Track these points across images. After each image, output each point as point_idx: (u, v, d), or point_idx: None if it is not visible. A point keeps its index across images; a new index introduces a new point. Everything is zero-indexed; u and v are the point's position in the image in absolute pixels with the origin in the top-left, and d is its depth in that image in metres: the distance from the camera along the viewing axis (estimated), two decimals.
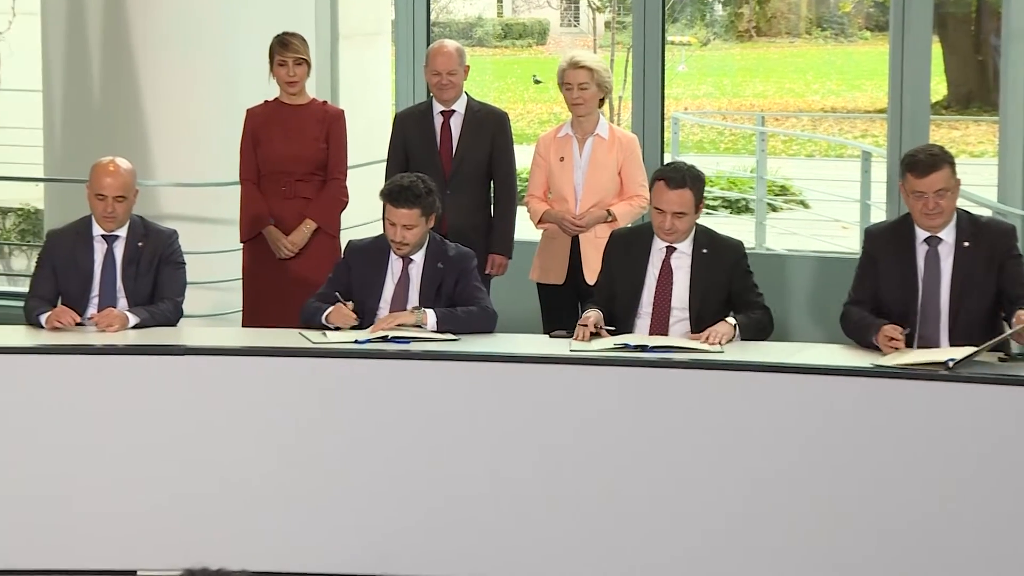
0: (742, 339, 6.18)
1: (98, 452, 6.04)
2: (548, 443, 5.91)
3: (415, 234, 6.44)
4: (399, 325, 6.28)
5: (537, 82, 22.80)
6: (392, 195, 6.45)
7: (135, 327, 6.40)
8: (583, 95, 7.39)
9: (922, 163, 6.03)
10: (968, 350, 5.73)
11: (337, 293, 6.49)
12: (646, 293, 6.39)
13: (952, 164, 6.07)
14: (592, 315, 6.29)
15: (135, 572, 6.05)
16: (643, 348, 5.99)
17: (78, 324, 6.40)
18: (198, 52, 8.95)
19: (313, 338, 6.22)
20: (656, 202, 6.34)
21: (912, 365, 5.76)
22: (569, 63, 7.42)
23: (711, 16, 22.20)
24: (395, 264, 6.55)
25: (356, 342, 6.14)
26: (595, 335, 6.20)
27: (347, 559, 6.01)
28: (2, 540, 6.03)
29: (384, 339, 6.17)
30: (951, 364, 5.67)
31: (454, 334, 6.27)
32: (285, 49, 7.56)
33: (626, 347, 6.02)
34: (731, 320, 6.23)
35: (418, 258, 6.53)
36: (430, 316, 6.33)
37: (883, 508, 5.70)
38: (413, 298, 6.50)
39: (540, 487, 5.92)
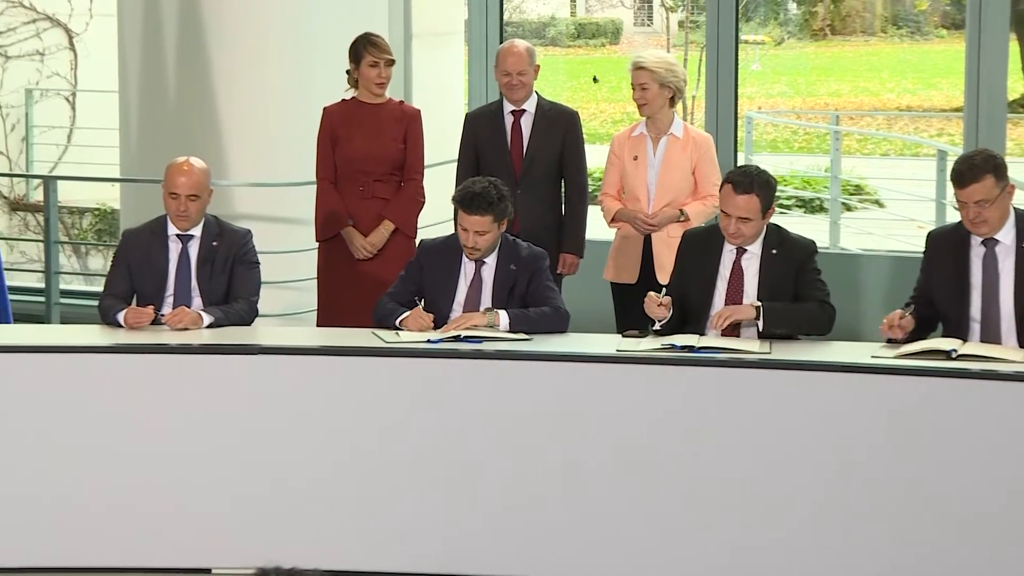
0: (772, 327, 6.11)
1: (174, 451, 6.08)
2: (617, 442, 5.90)
3: (487, 239, 6.43)
4: (472, 326, 6.28)
5: (595, 81, 22.76)
6: (464, 201, 6.43)
7: (209, 327, 6.43)
8: (644, 95, 7.37)
9: (960, 174, 5.94)
10: (983, 347, 5.74)
11: (417, 299, 6.49)
12: (718, 294, 6.35)
13: (997, 171, 5.91)
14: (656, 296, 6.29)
15: (210, 570, 6.08)
16: (690, 349, 5.99)
17: (153, 323, 6.44)
18: (272, 52, 8.99)
19: (386, 338, 6.23)
20: (723, 205, 6.29)
21: (915, 354, 5.78)
22: (632, 64, 7.42)
23: (785, 15, 22.11)
24: (468, 265, 6.54)
25: (429, 342, 6.15)
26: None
27: (420, 557, 6.02)
28: (80, 538, 6.07)
29: (456, 339, 6.18)
30: (954, 355, 5.69)
31: (527, 335, 6.27)
32: (378, 49, 7.55)
33: (672, 347, 6.01)
34: (755, 303, 6.19)
35: (491, 260, 6.52)
36: (503, 317, 6.32)
37: (937, 507, 5.67)
38: (486, 300, 6.48)
39: (611, 485, 5.91)
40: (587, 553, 5.92)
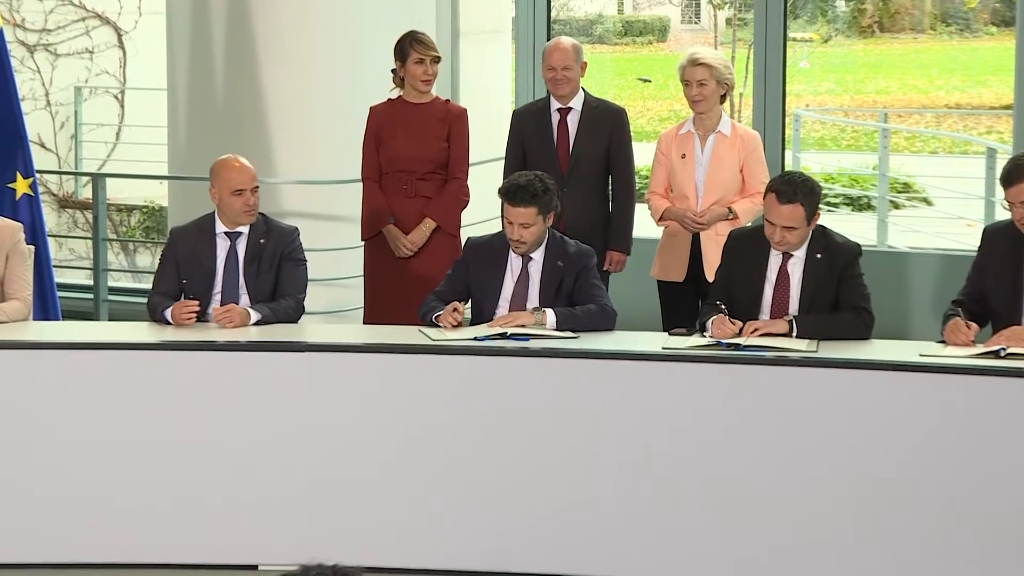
0: (803, 336, 6.08)
1: (220, 448, 6.10)
2: (663, 439, 5.90)
3: (532, 232, 6.43)
4: (519, 324, 6.27)
5: (646, 81, 22.72)
6: (509, 193, 6.44)
7: (256, 324, 6.45)
8: (702, 92, 7.34)
9: (1008, 173, 5.93)
10: None
11: (460, 299, 6.51)
12: (765, 299, 6.31)
13: None
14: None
15: (256, 567, 6.10)
16: (736, 347, 5.97)
17: (201, 320, 6.46)
18: (319, 50, 9.01)
19: (432, 335, 6.23)
20: (767, 214, 6.24)
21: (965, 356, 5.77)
22: (688, 60, 7.38)
23: (833, 12, 22.02)
24: (515, 262, 6.54)
25: (475, 339, 6.15)
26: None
27: (464, 555, 6.02)
28: (127, 535, 6.10)
29: (503, 336, 6.18)
30: (1003, 353, 5.69)
31: (574, 333, 6.27)
32: (423, 46, 7.56)
33: (719, 345, 6.00)
34: (787, 317, 6.16)
35: (537, 256, 6.52)
36: (549, 316, 6.32)
37: (987, 508, 5.64)
38: (533, 296, 6.48)
39: (657, 483, 5.90)
40: (632, 551, 5.92)
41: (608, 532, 5.94)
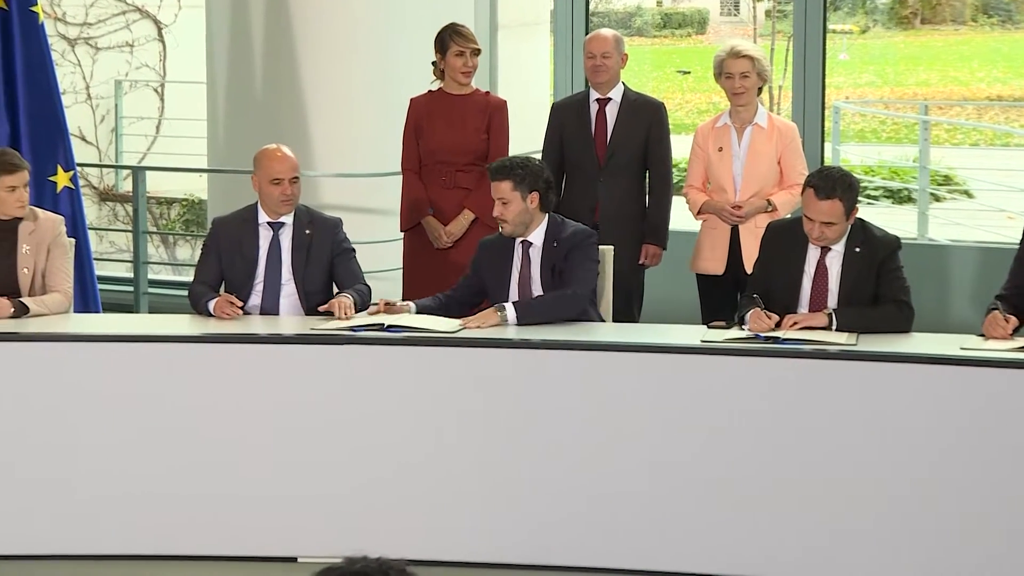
0: (843, 329, 6.05)
1: (261, 440, 6.12)
2: (701, 433, 5.89)
3: (512, 210, 6.44)
4: (478, 325, 6.26)
5: (685, 73, 22.66)
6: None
7: (360, 310, 6.44)
8: (744, 84, 7.32)
9: None
10: None
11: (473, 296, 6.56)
12: (803, 293, 6.28)
13: None
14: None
15: (295, 559, 6.12)
16: (775, 340, 5.96)
17: (244, 313, 6.49)
18: (358, 43, 9.03)
19: (317, 325, 6.25)
20: (805, 209, 6.20)
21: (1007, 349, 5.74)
22: (729, 52, 7.35)
23: (873, 3, 21.92)
24: (518, 251, 6.53)
25: (353, 329, 6.16)
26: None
27: (507, 549, 6.03)
28: (167, 526, 6.13)
29: (380, 327, 6.18)
30: None
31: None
32: (463, 39, 7.56)
33: (757, 339, 5.99)
34: (826, 310, 6.14)
35: (537, 240, 6.50)
36: (509, 312, 6.33)
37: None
38: (535, 280, 6.47)
39: (694, 476, 5.90)
40: (670, 544, 5.91)
41: (645, 525, 5.93)
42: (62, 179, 7.82)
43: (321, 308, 6.40)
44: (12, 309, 6.39)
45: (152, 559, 6.13)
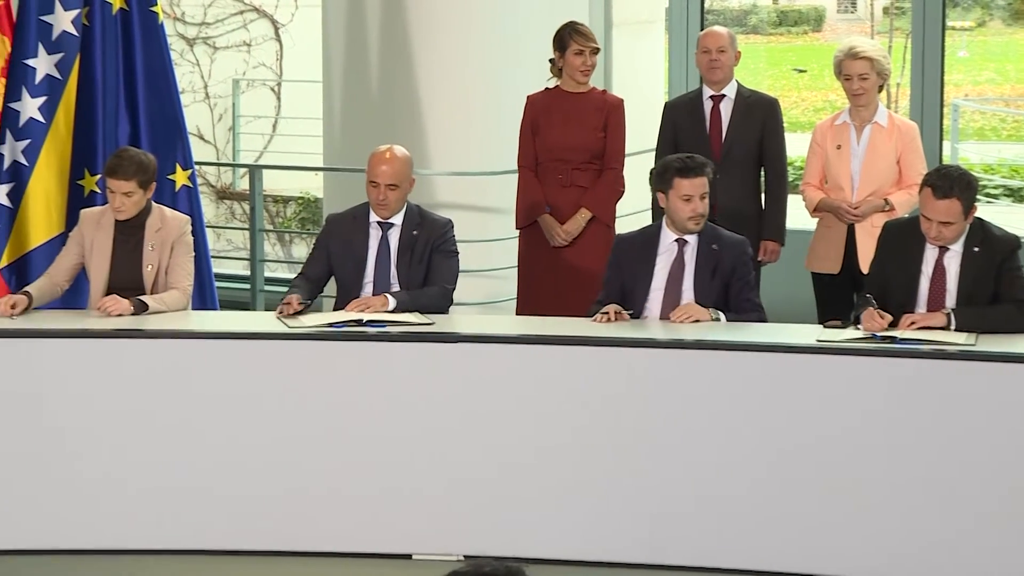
0: (962, 330, 5.97)
1: (375, 438, 6.15)
2: (817, 432, 5.86)
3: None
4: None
5: (801, 71, 22.49)
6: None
7: (394, 311, 6.47)
8: (863, 85, 7.26)
9: None
10: None
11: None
12: (921, 293, 6.21)
13: None
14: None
15: (410, 556, 6.14)
16: (892, 340, 5.89)
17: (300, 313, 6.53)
18: (473, 42, 9.04)
19: (289, 323, 6.35)
20: (923, 209, 6.13)
21: None
22: (848, 53, 7.28)
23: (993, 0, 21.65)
24: (671, 248, 6.50)
25: (331, 325, 6.26)
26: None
27: (616, 548, 6.02)
28: (284, 523, 6.18)
29: (359, 322, 6.28)
30: None
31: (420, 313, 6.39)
32: (583, 38, 7.56)
33: (874, 338, 5.92)
34: (945, 310, 6.05)
35: (692, 239, 6.48)
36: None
37: None
38: (688, 281, 6.44)
39: (810, 476, 5.86)
40: (787, 544, 5.89)
41: (758, 525, 5.90)
42: (180, 177, 7.89)
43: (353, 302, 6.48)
44: (132, 308, 6.48)
45: (266, 555, 6.19)
